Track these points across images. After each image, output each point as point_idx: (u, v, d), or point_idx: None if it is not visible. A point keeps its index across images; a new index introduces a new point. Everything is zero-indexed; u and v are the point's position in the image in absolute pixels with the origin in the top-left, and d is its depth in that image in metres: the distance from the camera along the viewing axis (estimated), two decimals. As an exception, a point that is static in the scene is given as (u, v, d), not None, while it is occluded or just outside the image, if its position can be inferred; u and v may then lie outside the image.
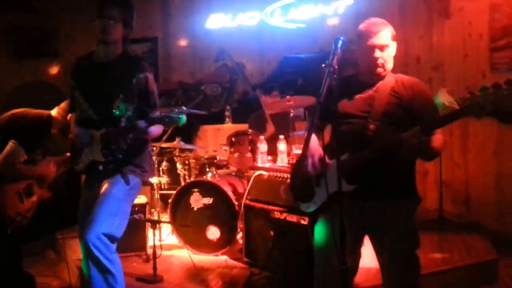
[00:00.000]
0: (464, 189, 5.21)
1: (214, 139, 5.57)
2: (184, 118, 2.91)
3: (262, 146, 4.41)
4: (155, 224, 3.94)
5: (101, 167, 3.00)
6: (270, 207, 3.96)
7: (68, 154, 3.76)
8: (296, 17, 6.11)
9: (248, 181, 4.28)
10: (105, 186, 2.99)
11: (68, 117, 3.32)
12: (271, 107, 5.07)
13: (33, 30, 6.65)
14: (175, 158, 4.99)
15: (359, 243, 2.73)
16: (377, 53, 2.57)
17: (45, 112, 3.95)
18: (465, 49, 5.30)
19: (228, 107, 5.37)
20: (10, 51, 6.76)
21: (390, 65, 2.64)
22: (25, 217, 3.88)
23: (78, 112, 3.14)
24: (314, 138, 2.61)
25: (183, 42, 6.82)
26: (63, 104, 3.90)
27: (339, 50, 2.41)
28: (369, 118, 2.54)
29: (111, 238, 2.91)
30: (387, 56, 2.61)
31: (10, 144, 3.69)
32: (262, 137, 4.47)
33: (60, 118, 3.85)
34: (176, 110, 2.96)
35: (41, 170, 3.94)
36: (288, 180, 3.92)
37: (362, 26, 2.65)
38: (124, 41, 3.09)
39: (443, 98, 5.40)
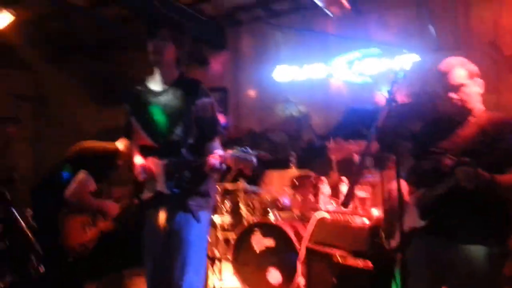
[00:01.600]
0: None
1: (278, 184, 5.58)
2: (255, 161, 2.71)
3: (324, 188, 4.40)
4: (214, 261, 3.95)
5: (166, 198, 2.87)
6: (334, 250, 3.89)
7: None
8: (362, 70, 6.19)
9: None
10: (179, 231, 2.85)
11: (124, 145, 3.22)
12: (336, 152, 5.07)
13: (112, 78, 7.10)
14: (238, 199, 5.03)
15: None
16: (463, 91, 2.60)
17: (112, 145, 4.08)
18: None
19: (293, 153, 5.41)
20: (91, 98, 7.24)
21: (473, 103, 2.63)
22: (87, 248, 3.90)
23: (136, 139, 3.05)
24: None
25: (252, 92, 7.04)
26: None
27: (400, 81, 2.43)
28: (448, 154, 2.52)
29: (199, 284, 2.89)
30: (464, 95, 2.60)
31: (81, 173, 3.80)
32: (324, 179, 4.46)
33: (127, 151, 3.98)
34: (243, 149, 2.73)
35: (107, 206, 4.00)
36: (352, 224, 3.90)
37: (439, 66, 2.69)
38: (179, 64, 2.99)
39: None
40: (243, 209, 4.96)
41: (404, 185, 2.70)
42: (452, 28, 5.53)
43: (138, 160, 2.96)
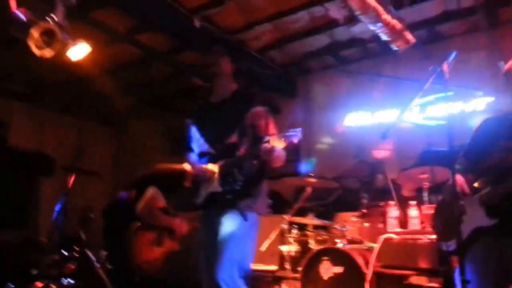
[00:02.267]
0: None
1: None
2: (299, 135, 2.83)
3: (392, 212, 4.28)
4: (280, 280, 3.90)
5: (218, 198, 3.00)
6: (404, 272, 3.73)
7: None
8: (435, 114, 6.15)
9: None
10: (225, 224, 2.95)
11: (187, 156, 3.34)
12: (407, 186, 4.97)
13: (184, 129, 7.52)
14: (306, 229, 4.98)
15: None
16: None
17: (179, 165, 4.26)
18: None
19: (365, 194, 5.33)
20: (168, 149, 7.68)
21: None
22: (153, 266, 3.99)
23: (196, 147, 3.24)
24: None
25: (323, 139, 7.13)
26: None
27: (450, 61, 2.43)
28: None
29: (240, 281, 2.90)
30: None
31: (150, 190, 3.99)
32: (392, 202, 4.35)
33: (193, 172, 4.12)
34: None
35: (175, 223, 4.10)
36: (420, 242, 3.76)
37: None
38: (236, 77, 3.23)
39: None
40: (312, 240, 4.89)
41: (463, 184, 2.66)
42: None
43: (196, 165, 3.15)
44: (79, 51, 4.24)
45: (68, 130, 8.66)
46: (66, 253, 3.91)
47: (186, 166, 4.05)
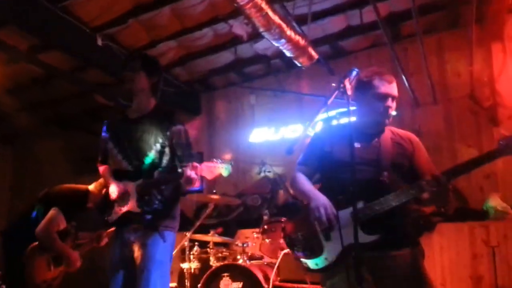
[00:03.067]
0: (525, 296, 4.64)
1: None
2: (230, 168, 2.98)
3: (294, 225, 4.25)
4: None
5: (137, 217, 2.95)
6: (301, 286, 3.71)
7: (102, 232, 4.08)
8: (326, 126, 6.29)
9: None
10: (145, 248, 2.91)
11: (101, 170, 3.25)
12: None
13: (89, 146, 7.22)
14: (208, 247, 4.85)
15: None
16: (390, 102, 2.51)
17: (82, 186, 4.08)
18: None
19: (266, 211, 5.29)
20: (68, 167, 7.33)
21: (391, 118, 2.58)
22: (51, 285, 3.88)
23: (111, 163, 3.16)
24: (316, 190, 2.54)
25: (227, 156, 7.03)
26: (101, 180, 4.03)
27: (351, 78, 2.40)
28: (381, 165, 2.45)
29: None
30: (394, 107, 2.55)
31: (52, 211, 3.83)
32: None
33: (97, 192, 3.93)
34: (219, 160, 2.96)
35: (69, 253, 3.98)
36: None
37: (376, 73, 2.57)
38: (154, 93, 3.19)
39: (495, 203, 5.18)
40: (212, 257, 4.75)
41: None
42: (429, 84, 5.58)
43: (112, 182, 3.06)
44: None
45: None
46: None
47: (90, 187, 3.90)
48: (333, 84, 2.34)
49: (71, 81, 6.50)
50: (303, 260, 2.52)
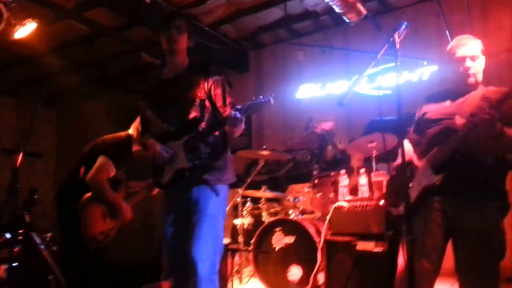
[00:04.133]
0: None
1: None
2: (272, 100, 2.86)
3: (343, 180, 4.34)
4: (234, 253, 3.91)
5: (187, 173, 2.93)
6: (353, 238, 3.79)
7: (151, 181, 3.84)
8: (382, 84, 6.23)
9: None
10: (197, 203, 2.90)
11: (148, 142, 3.15)
12: (356, 157, 5.03)
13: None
14: (260, 203, 5.01)
15: (444, 243, 2.64)
16: (468, 62, 2.69)
17: (122, 133, 4.09)
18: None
19: (316, 166, 5.38)
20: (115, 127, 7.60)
21: (480, 76, 2.74)
22: (107, 236, 3.92)
23: (154, 130, 3.13)
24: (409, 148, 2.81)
25: (275, 112, 7.10)
26: (137, 121, 3.93)
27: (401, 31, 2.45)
28: (457, 115, 2.62)
29: (215, 258, 2.89)
30: (478, 66, 2.72)
31: (100, 158, 3.87)
32: (343, 171, 4.41)
33: (138, 134, 3.84)
34: (261, 96, 2.86)
35: (121, 205, 3.99)
36: (369, 208, 3.84)
37: (452, 43, 2.82)
38: (189, 54, 3.15)
39: None
40: (264, 213, 4.92)
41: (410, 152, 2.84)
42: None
43: (158, 147, 3.01)
44: (25, 30, 4.00)
45: (10, 111, 8.46)
46: (9, 236, 3.77)
47: (130, 131, 3.98)
48: (385, 38, 2.41)
49: (117, 39, 6.55)
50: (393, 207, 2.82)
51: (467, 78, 2.69)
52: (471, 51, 2.70)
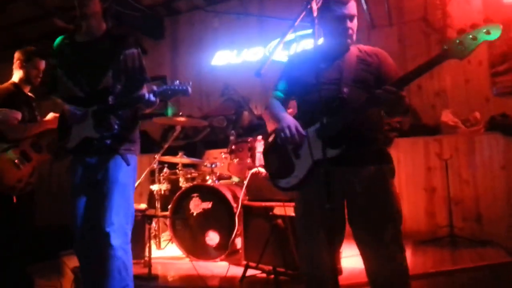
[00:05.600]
0: (475, 205, 5.03)
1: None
2: (189, 90, 2.80)
3: (260, 146, 4.39)
4: (151, 219, 3.87)
5: (96, 142, 2.88)
6: (269, 203, 3.85)
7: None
8: (298, 51, 6.33)
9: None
10: (107, 172, 2.87)
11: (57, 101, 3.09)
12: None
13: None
14: (177, 168, 4.98)
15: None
16: (348, 23, 2.53)
17: (6, 84, 4.04)
18: (465, 75, 5.53)
19: (233, 132, 5.40)
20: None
21: (355, 36, 2.59)
22: (29, 183, 3.78)
23: (62, 91, 3.03)
24: (285, 112, 2.65)
25: (190, 79, 7.02)
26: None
27: None
28: (341, 83, 2.48)
29: (127, 227, 2.87)
30: (355, 26, 2.57)
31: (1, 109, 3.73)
32: (259, 137, 4.46)
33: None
34: (178, 81, 2.80)
35: (41, 123, 3.88)
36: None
37: None
38: (105, 17, 3.05)
39: (447, 118, 5.46)
40: (182, 179, 4.89)
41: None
42: (385, 6, 5.84)
43: (67, 107, 2.93)
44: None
45: None
46: None
47: (14, 79, 4.03)
48: (302, 5, 2.32)
49: (30, 4, 6.29)
50: (276, 180, 2.63)
51: (346, 38, 2.54)
52: (351, 10, 2.53)
